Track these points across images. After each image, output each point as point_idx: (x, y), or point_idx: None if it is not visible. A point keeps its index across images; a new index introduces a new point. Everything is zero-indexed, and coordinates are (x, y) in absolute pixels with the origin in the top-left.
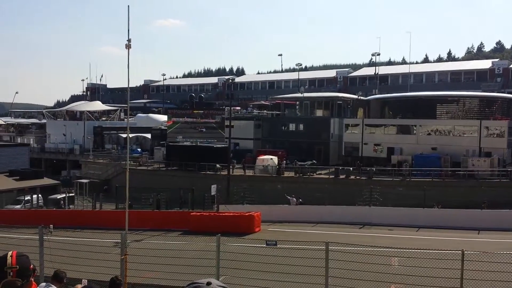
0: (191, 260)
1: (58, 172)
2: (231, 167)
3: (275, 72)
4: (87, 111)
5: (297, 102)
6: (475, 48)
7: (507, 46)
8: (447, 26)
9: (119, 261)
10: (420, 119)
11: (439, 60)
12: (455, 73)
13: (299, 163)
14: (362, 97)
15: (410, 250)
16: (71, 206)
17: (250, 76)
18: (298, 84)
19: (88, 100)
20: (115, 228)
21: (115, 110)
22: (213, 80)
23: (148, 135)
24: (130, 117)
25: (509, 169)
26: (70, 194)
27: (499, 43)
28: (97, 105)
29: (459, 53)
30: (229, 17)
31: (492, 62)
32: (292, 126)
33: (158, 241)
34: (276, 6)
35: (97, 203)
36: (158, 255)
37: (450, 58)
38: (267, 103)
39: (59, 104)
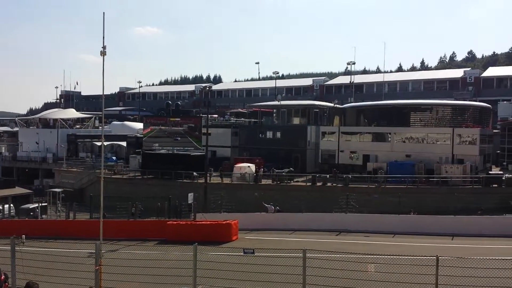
0: (167, 270)
1: (31, 181)
2: (208, 175)
3: (252, 80)
4: (61, 118)
5: (274, 110)
6: (448, 58)
7: (479, 56)
8: (420, 36)
9: (94, 271)
10: (395, 127)
11: (413, 69)
12: (428, 82)
13: (277, 170)
14: (338, 105)
15: (386, 257)
16: (44, 216)
17: (227, 84)
18: (275, 92)
19: (62, 108)
20: (89, 238)
21: (90, 118)
22: (190, 87)
23: (124, 143)
24: (105, 125)
25: (481, 176)
26: (43, 204)
27: (470, 52)
28: (71, 113)
29: (432, 62)
30: (207, 25)
31: (464, 71)
32: (269, 134)
33: (134, 251)
34: (254, 15)
35: (71, 213)
36: (134, 265)
37: (423, 67)
38: (244, 110)
39: (32, 111)
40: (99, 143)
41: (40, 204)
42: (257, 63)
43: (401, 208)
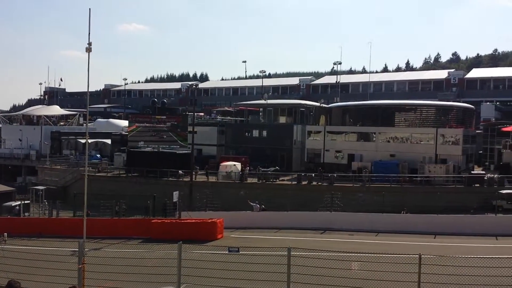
0: (152, 269)
1: (13, 179)
2: (194, 173)
3: (239, 78)
4: (45, 115)
5: (261, 109)
6: (432, 59)
7: (463, 57)
8: (405, 37)
9: (77, 270)
10: (380, 126)
11: (398, 69)
12: (413, 83)
13: (262, 169)
14: (324, 105)
15: (370, 255)
16: (26, 214)
17: (214, 82)
18: (261, 91)
19: (46, 105)
20: (72, 236)
21: (74, 115)
22: (176, 85)
23: (108, 141)
24: (89, 122)
25: (463, 176)
26: (26, 201)
27: (455, 54)
28: (55, 110)
29: (417, 63)
30: (194, 24)
31: (448, 72)
32: (255, 133)
33: (118, 249)
34: (241, 14)
35: (54, 211)
36: (118, 263)
37: (408, 68)
38: (230, 109)
39: (15, 108)
40: (83, 141)
41: (22, 202)
42: (244, 61)
43: (385, 206)
